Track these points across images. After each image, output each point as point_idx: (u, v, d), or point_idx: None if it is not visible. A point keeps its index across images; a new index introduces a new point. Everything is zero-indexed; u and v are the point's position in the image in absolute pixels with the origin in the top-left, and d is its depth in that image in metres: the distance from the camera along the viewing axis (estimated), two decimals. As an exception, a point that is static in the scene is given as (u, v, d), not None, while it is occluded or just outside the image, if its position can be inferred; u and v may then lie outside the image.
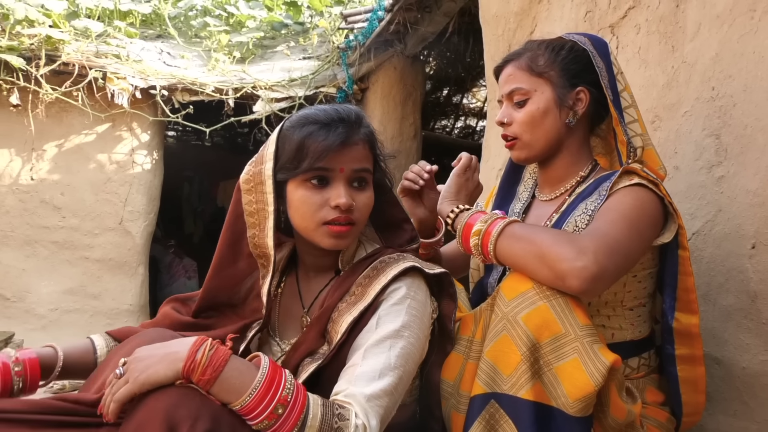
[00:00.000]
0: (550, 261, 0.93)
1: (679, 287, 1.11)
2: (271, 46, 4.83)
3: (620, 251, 0.97)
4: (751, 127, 1.22)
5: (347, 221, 0.99)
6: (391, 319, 0.93)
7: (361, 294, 0.98)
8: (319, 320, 1.00)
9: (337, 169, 0.99)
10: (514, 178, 1.40)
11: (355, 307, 0.97)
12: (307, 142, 0.98)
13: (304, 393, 0.84)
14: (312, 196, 1.00)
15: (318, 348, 0.99)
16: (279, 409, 0.80)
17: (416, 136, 4.38)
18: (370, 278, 0.99)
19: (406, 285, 0.97)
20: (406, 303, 0.96)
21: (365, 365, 0.88)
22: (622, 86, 1.18)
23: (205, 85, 4.01)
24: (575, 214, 1.12)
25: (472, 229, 1.05)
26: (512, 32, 2.26)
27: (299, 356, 0.99)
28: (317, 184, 1.00)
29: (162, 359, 0.80)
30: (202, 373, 0.79)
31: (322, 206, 0.99)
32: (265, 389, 0.80)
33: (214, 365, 0.79)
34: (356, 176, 1.01)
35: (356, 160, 1.00)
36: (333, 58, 4.26)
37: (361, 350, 0.91)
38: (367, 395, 0.85)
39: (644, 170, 1.11)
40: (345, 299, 1.00)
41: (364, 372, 0.88)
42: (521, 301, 0.94)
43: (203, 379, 0.79)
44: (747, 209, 1.20)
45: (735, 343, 1.20)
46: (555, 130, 1.20)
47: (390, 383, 0.88)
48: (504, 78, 1.24)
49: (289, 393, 0.81)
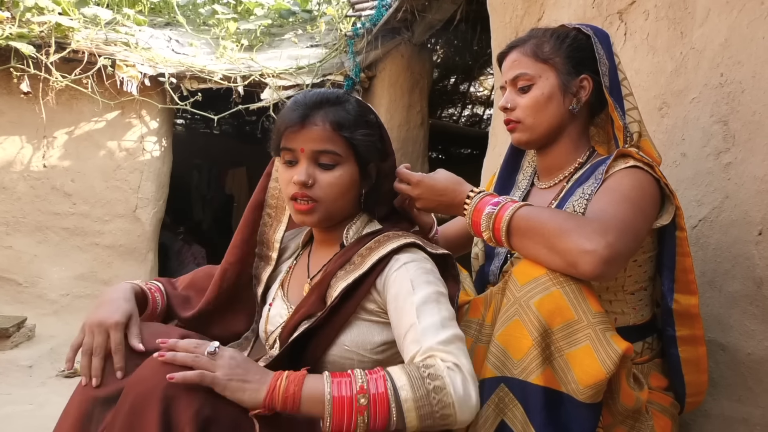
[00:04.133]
0: (561, 250, 0.92)
1: (677, 268, 1.11)
2: (279, 33, 4.82)
3: (629, 231, 0.97)
4: (760, 113, 1.20)
5: (305, 197, 1.04)
6: (424, 281, 0.96)
7: (359, 263, 1.02)
8: (319, 286, 1.04)
9: (298, 149, 1.04)
10: (513, 166, 1.39)
11: (351, 274, 1.01)
12: (278, 123, 1.08)
13: (380, 371, 0.87)
14: (284, 173, 1.08)
15: (316, 312, 1.02)
16: (361, 400, 0.83)
17: (423, 124, 4.36)
18: (370, 249, 1.03)
19: (408, 256, 1.01)
20: (426, 267, 0.99)
21: (424, 321, 0.91)
22: (623, 76, 1.19)
23: (213, 73, 4.01)
24: (572, 199, 1.12)
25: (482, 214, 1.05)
26: (520, 19, 2.24)
27: (298, 319, 1.03)
28: (288, 163, 1.07)
29: (246, 387, 0.85)
30: (283, 407, 0.84)
31: (288, 183, 1.05)
32: (337, 390, 0.84)
33: (291, 396, 0.84)
34: (319, 156, 1.04)
35: (316, 140, 1.03)
36: (340, 46, 4.24)
37: (411, 311, 0.92)
38: (442, 340, 0.88)
39: (639, 153, 1.11)
40: (344, 268, 1.04)
41: (427, 326, 0.90)
42: (534, 286, 0.94)
43: (286, 408, 0.85)
44: (754, 196, 1.19)
45: (740, 329, 1.20)
46: (558, 115, 1.20)
47: (455, 330, 0.92)
48: (508, 64, 1.23)
49: (363, 381, 0.85)
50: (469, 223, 1.08)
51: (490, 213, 1.03)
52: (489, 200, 1.06)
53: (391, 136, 1.16)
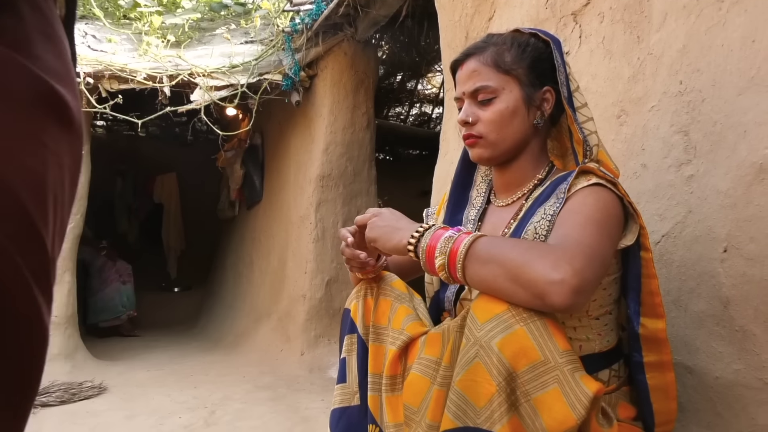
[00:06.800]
0: (525, 281, 0.89)
1: (643, 291, 1.11)
2: (210, 28, 4.67)
3: (596, 257, 0.95)
4: (721, 123, 1.22)
5: None
6: None
7: None
8: None
9: None
10: (465, 181, 1.37)
11: None
12: None
13: None
14: None
15: None
16: None
17: (369, 125, 4.32)
18: None
19: None
20: None
21: None
22: (575, 85, 1.18)
23: (136, 72, 3.83)
24: (534, 220, 1.10)
25: (435, 252, 1.01)
26: (470, 18, 2.23)
27: None
28: None
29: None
30: None
31: None
32: None
33: None
34: None
35: None
36: (278, 43, 4.15)
37: None
38: None
39: (601, 169, 1.10)
40: None
41: None
42: (496, 324, 0.90)
43: None
44: (718, 211, 1.20)
45: (707, 351, 1.21)
46: (522, 130, 1.18)
47: None
48: (466, 74, 1.20)
49: None
50: (424, 262, 1.04)
51: (443, 248, 0.99)
52: (441, 234, 1.02)
53: (334, 139, 1.12)
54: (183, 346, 5.31)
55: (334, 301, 4.14)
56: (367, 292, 1.28)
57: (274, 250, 5.00)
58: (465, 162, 1.36)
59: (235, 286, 6.02)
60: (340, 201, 4.23)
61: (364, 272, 1.26)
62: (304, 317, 4.10)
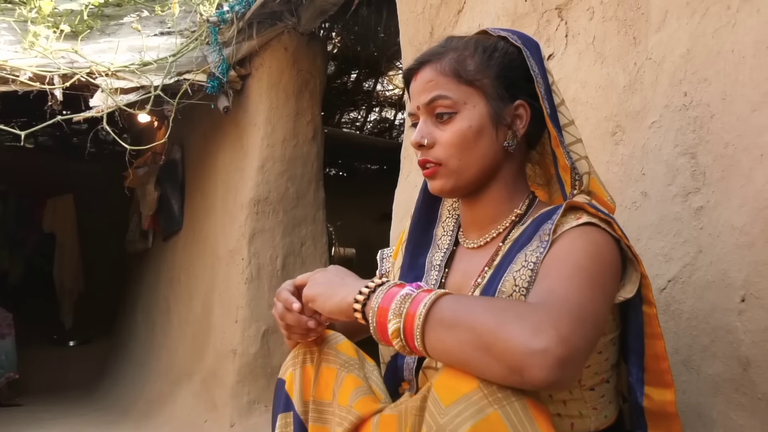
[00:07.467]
0: (499, 350, 0.87)
1: (646, 354, 1.11)
2: (116, 16, 4.64)
3: (587, 318, 0.94)
4: (733, 145, 1.25)
5: None
6: None
7: None
8: None
9: None
10: (428, 216, 1.36)
11: None
12: None
13: None
14: None
15: None
16: None
17: (316, 137, 4.32)
18: None
19: None
20: None
21: None
22: (560, 99, 1.19)
23: (18, 71, 3.74)
24: (513, 268, 1.09)
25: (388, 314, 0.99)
26: (435, 10, 2.26)
27: None
28: None
29: None
30: None
31: None
32: None
33: None
34: None
35: None
36: (201, 35, 4.12)
37: None
38: None
39: (593, 204, 1.10)
40: None
41: None
42: (464, 408, 0.88)
43: None
44: (733, 251, 1.22)
45: (725, 424, 1.22)
46: (491, 155, 1.17)
47: None
48: (420, 85, 1.20)
49: None
50: (374, 327, 1.02)
51: (398, 309, 0.97)
52: (396, 291, 1.00)
53: (272, 154, 1.11)
54: (80, 417, 5.18)
55: (273, 357, 4.08)
56: (306, 359, 1.25)
57: (197, 292, 4.92)
58: (427, 192, 1.35)
59: (148, 339, 5.90)
60: (280, 231, 4.19)
61: (306, 338, 1.24)
62: (234, 378, 4.02)
